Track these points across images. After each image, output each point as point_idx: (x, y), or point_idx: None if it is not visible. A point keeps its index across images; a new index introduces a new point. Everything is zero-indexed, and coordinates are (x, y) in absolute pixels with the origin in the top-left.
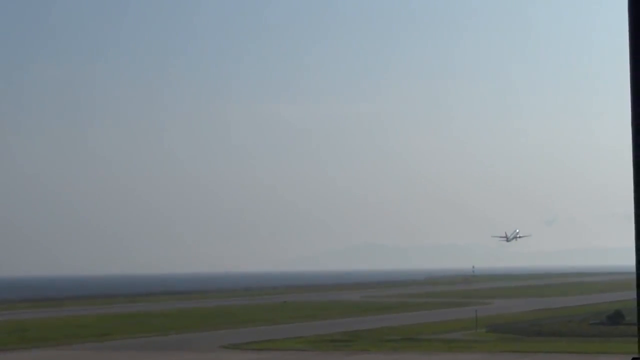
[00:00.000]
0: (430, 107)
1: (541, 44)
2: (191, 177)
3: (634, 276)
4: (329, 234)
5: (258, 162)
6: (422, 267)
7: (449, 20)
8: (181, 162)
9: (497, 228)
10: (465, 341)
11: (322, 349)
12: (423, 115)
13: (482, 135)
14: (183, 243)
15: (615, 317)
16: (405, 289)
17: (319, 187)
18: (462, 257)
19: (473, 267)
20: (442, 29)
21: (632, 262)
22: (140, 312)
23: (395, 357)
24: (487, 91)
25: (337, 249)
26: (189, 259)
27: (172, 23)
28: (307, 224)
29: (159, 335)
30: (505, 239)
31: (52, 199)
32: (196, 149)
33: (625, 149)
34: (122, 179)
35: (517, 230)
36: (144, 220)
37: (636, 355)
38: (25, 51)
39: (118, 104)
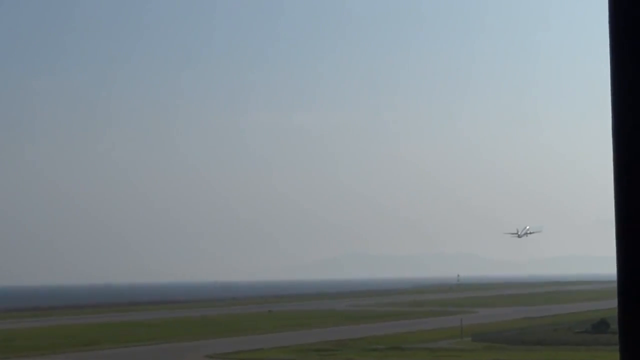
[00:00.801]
0: (435, 116)
1: (547, 47)
2: (180, 186)
3: None
4: (314, 243)
5: (249, 171)
6: (408, 276)
7: (461, 22)
8: (167, 171)
9: (485, 235)
10: (451, 350)
11: (307, 358)
12: (416, 124)
13: (477, 146)
14: (172, 253)
15: (600, 326)
16: (391, 298)
17: (304, 198)
18: (448, 266)
19: (458, 275)
20: (455, 32)
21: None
22: (127, 322)
23: None
24: (495, 98)
25: (322, 258)
26: (175, 268)
27: (186, 30)
28: (292, 234)
29: (145, 345)
30: (516, 235)
31: (48, 203)
32: (198, 154)
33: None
34: (122, 185)
35: (528, 227)
36: (133, 229)
37: None
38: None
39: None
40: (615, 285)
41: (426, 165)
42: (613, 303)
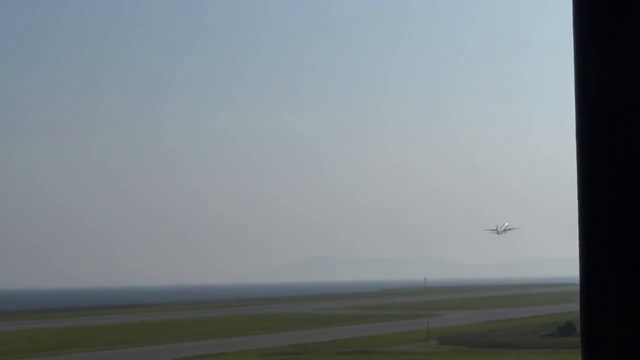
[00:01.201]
0: (381, 120)
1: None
2: (135, 190)
3: None
4: (281, 246)
5: (206, 176)
6: (374, 279)
7: (448, 20)
8: (115, 174)
9: (451, 239)
10: (417, 353)
11: None
12: (369, 129)
13: (431, 152)
14: (133, 256)
15: (566, 329)
16: (357, 301)
17: (267, 202)
18: (414, 270)
19: (425, 279)
20: (441, 32)
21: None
22: (88, 327)
23: None
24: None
25: (289, 262)
26: (143, 272)
27: (107, 27)
28: (257, 237)
29: (108, 349)
30: (495, 231)
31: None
32: (134, 162)
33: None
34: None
35: (506, 224)
36: (94, 233)
37: None
38: None
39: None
40: (578, 288)
41: (393, 168)
42: (578, 306)
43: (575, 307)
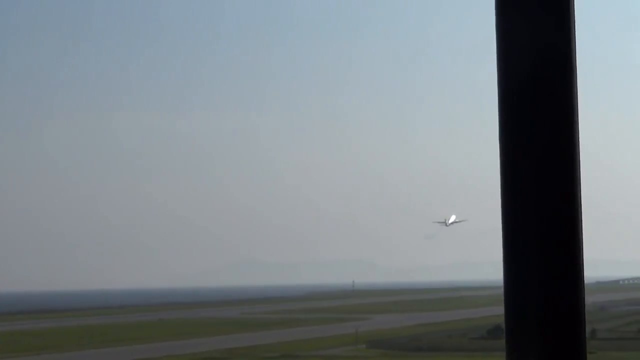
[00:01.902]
0: (314, 120)
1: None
2: (70, 189)
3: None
4: (207, 250)
5: (144, 176)
6: (303, 283)
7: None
8: (60, 173)
9: (378, 242)
10: (346, 358)
11: None
12: (302, 128)
13: (365, 149)
14: (59, 259)
15: (496, 331)
16: (285, 305)
17: (197, 204)
18: (343, 273)
19: (353, 282)
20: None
21: None
22: (9, 331)
23: None
24: (378, 103)
25: (215, 266)
26: (63, 275)
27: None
28: (184, 240)
29: (28, 355)
30: (444, 223)
31: None
32: (80, 158)
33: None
34: None
35: (454, 217)
36: (20, 234)
37: None
38: None
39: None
40: None
41: (317, 170)
42: None
43: (503, 309)
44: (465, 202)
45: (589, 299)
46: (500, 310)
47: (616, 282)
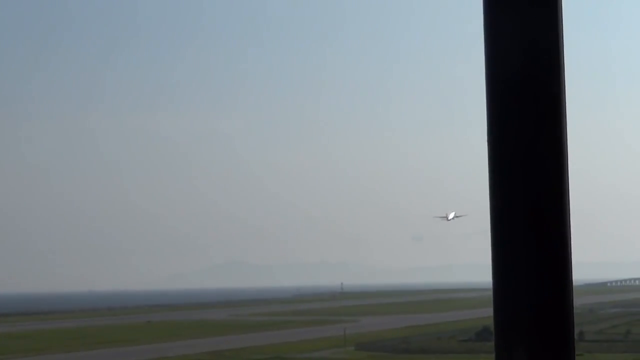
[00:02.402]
0: (300, 123)
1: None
2: (52, 190)
3: None
4: (194, 252)
5: (123, 176)
6: (291, 285)
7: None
8: (41, 175)
9: (366, 244)
10: None
11: None
12: (286, 131)
13: (348, 150)
14: (44, 260)
15: (484, 334)
16: (273, 307)
17: (182, 205)
18: (332, 275)
19: (342, 284)
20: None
21: None
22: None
23: None
24: (355, 105)
25: (202, 267)
26: (50, 277)
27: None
28: (170, 242)
29: (16, 358)
30: (445, 218)
31: None
32: (62, 161)
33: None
34: None
35: (454, 212)
36: (4, 236)
37: None
38: None
39: None
40: None
41: (305, 173)
42: None
43: (491, 312)
44: (452, 205)
45: (578, 301)
46: (487, 312)
47: (604, 284)
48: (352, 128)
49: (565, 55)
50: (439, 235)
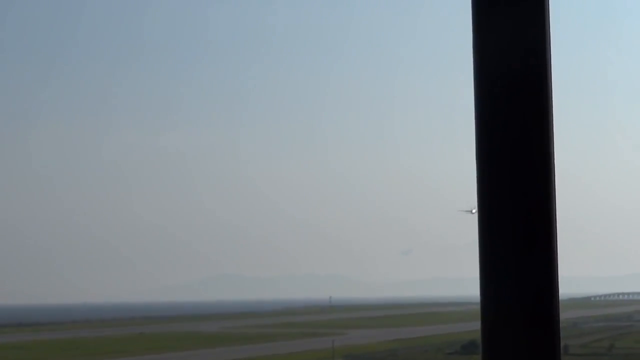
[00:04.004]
0: (293, 135)
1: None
2: (49, 202)
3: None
4: (186, 264)
5: (122, 189)
6: (280, 298)
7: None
8: (37, 186)
9: (355, 257)
10: None
11: None
12: (278, 143)
13: (340, 164)
14: (38, 271)
15: (470, 347)
16: (263, 320)
17: (175, 218)
18: (320, 288)
19: (330, 297)
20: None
21: None
22: None
23: None
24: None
25: (194, 280)
26: (45, 289)
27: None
28: (163, 255)
29: None
30: (470, 212)
31: None
32: (58, 172)
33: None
34: None
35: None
36: None
37: None
38: None
39: None
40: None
41: (294, 185)
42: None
43: (477, 325)
44: (441, 218)
45: (562, 315)
46: (474, 325)
47: (588, 298)
48: (349, 142)
49: (552, 59)
50: (427, 249)
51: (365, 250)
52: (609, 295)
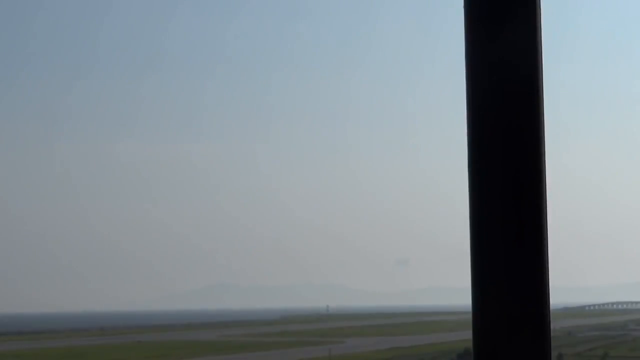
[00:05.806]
0: (285, 146)
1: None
2: (48, 213)
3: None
4: (184, 273)
5: (122, 200)
6: (277, 306)
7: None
8: (40, 195)
9: (353, 266)
10: None
11: None
12: (279, 153)
13: (341, 173)
14: (35, 280)
15: (466, 356)
16: (260, 328)
17: (171, 228)
18: (317, 297)
19: (327, 306)
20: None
21: None
22: None
23: None
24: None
25: (192, 289)
26: (45, 297)
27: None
28: (160, 264)
29: None
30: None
31: None
32: (64, 183)
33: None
34: None
35: None
36: None
37: None
38: None
39: None
40: None
41: (292, 196)
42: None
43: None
44: (436, 227)
45: (557, 324)
46: (468, 334)
47: (582, 308)
48: (347, 150)
49: (544, 67)
50: (423, 259)
51: (362, 259)
52: (603, 304)
